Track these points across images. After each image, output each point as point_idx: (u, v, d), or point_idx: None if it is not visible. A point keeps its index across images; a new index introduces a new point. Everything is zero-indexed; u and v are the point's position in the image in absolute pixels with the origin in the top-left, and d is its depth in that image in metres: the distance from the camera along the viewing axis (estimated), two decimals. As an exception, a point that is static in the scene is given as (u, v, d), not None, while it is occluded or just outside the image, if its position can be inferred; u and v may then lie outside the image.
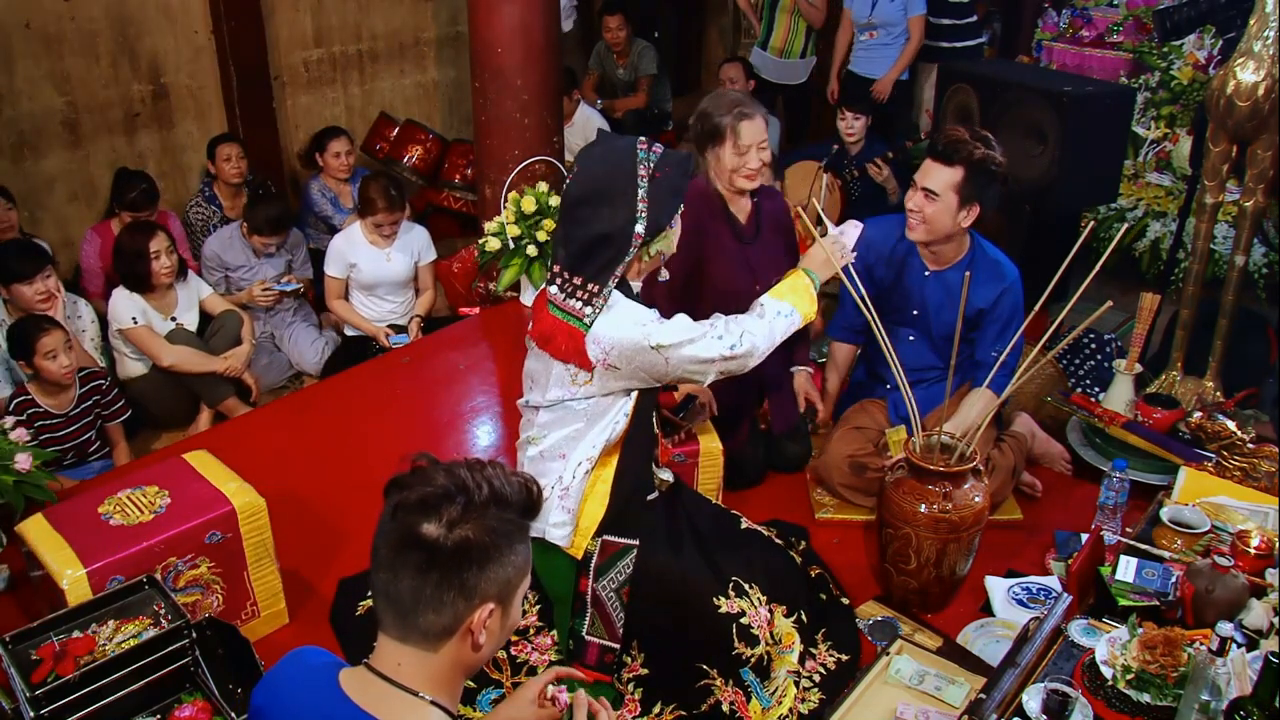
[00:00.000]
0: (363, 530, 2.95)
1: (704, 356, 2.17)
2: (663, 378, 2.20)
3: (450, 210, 5.68)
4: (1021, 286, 2.87)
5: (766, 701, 2.24)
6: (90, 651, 2.01)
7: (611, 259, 2.11)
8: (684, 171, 2.15)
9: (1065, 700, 1.75)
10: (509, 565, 1.33)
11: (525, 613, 2.25)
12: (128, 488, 2.39)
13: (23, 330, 3.34)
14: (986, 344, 2.87)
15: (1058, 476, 3.12)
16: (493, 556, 1.30)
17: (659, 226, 2.13)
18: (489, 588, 1.31)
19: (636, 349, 2.11)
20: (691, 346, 2.15)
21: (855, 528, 2.93)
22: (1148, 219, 5.05)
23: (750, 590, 2.29)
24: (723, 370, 2.22)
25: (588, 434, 2.19)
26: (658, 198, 2.11)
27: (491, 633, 1.35)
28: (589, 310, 2.12)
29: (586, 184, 2.14)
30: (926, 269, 2.92)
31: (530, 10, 4.21)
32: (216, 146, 4.74)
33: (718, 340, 2.18)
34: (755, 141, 2.83)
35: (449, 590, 1.29)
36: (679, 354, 2.14)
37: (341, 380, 3.89)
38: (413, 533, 1.28)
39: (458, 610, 1.30)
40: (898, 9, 5.26)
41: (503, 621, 1.37)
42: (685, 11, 7.68)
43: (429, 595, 1.29)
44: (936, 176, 2.75)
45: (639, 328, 2.12)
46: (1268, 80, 3.03)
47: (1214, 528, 2.41)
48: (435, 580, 1.28)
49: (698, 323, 2.20)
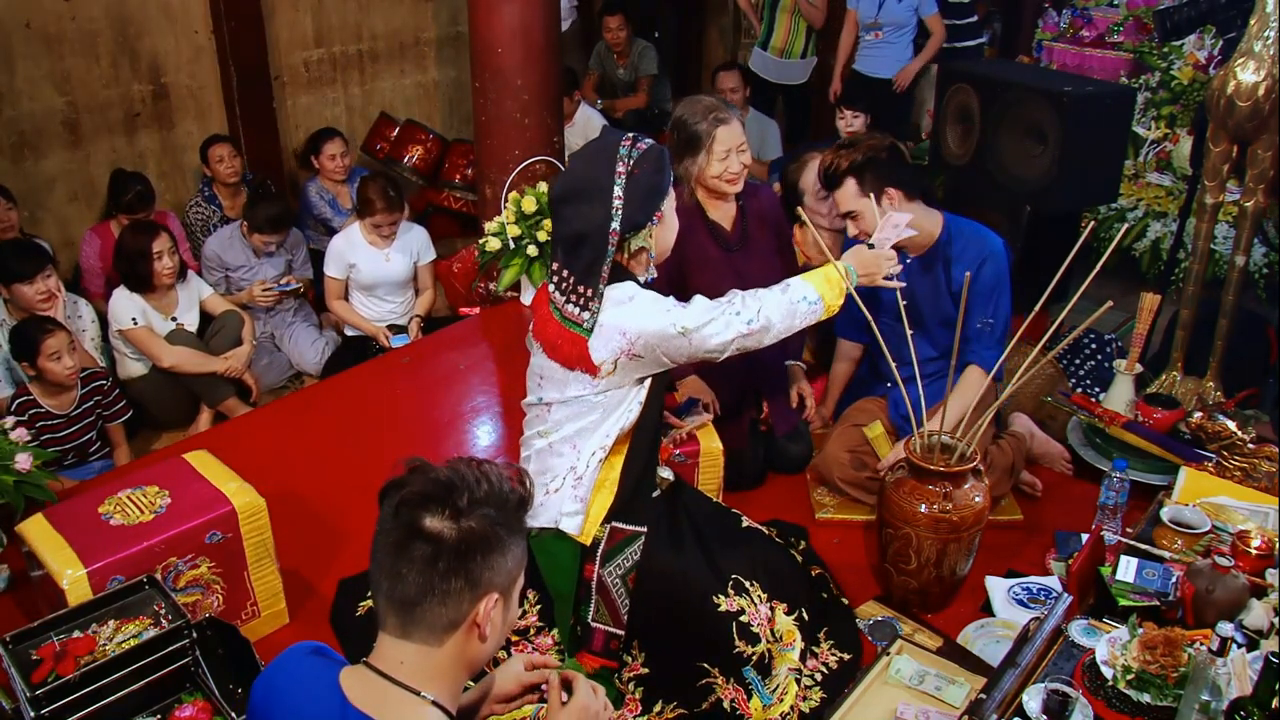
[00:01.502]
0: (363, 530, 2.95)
1: (725, 335, 2.19)
2: (685, 359, 2.22)
3: (450, 210, 5.69)
4: (1006, 256, 2.88)
5: (767, 699, 2.24)
6: (90, 651, 2.01)
7: (594, 259, 2.12)
8: (659, 168, 2.15)
9: (1065, 700, 1.75)
10: (510, 556, 1.36)
11: (525, 613, 2.25)
12: (128, 488, 2.39)
13: (26, 331, 3.34)
14: (973, 315, 2.88)
15: (1058, 476, 3.12)
16: (495, 547, 1.33)
17: (635, 224, 2.13)
18: (494, 577, 1.34)
19: (662, 336, 2.13)
20: (712, 325, 2.17)
21: (855, 528, 2.93)
22: (1148, 219, 5.05)
23: (751, 588, 2.29)
24: (741, 347, 2.23)
25: (603, 424, 2.21)
26: (634, 195, 2.11)
27: (495, 625, 1.37)
28: (587, 315, 2.13)
29: (568, 182, 2.17)
30: (908, 257, 2.94)
31: (530, 10, 4.21)
32: (208, 149, 4.74)
33: (735, 316, 2.20)
34: (735, 145, 2.81)
35: (456, 580, 1.31)
36: (701, 334, 2.16)
37: (341, 380, 3.89)
38: (417, 527, 1.30)
39: (464, 601, 1.32)
40: (906, 9, 5.26)
41: (504, 614, 1.39)
42: (685, 11, 7.68)
43: (436, 587, 1.31)
44: (841, 200, 2.84)
45: (665, 314, 2.14)
46: (1268, 80, 3.03)
47: (1214, 528, 2.40)
48: (441, 571, 1.30)
49: (715, 301, 2.22)
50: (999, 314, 2.84)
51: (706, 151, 2.81)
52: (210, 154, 4.72)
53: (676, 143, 2.86)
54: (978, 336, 2.85)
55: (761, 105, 6.03)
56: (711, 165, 2.82)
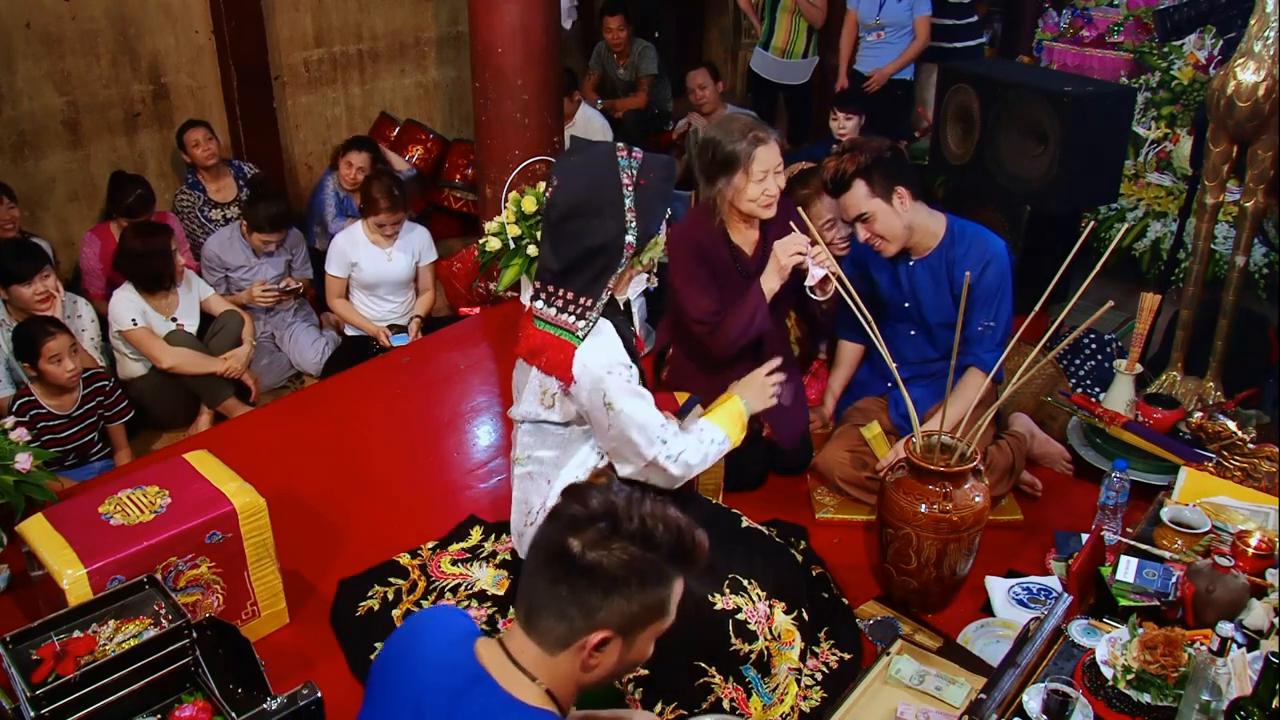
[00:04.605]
0: (363, 530, 2.97)
1: (641, 448, 2.13)
2: (598, 433, 2.18)
3: (451, 210, 5.69)
4: (1008, 259, 2.89)
5: (768, 698, 2.24)
6: (91, 651, 2.00)
7: (603, 270, 2.10)
8: (666, 176, 2.13)
9: (1066, 700, 1.75)
10: (636, 601, 1.37)
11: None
12: (128, 487, 2.39)
13: (28, 333, 3.34)
14: (975, 317, 2.88)
15: (1058, 476, 3.12)
16: (619, 588, 1.35)
17: (649, 234, 2.12)
18: (609, 616, 1.36)
19: (594, 388, 2.11)
20: (638, 431, 2.12)
21: (855, 528, 2.93)
22: (1148, 219, 5.05)
23: (749, 586, 2.29)
24: (645, 475, 2.19)
25: (566, 464, 2.22)
26: (645, 206, 2.08)
27: (606, 661, 1.40)
28: (582, 324, 2.12)
29: (571, 197, 2.10)
30: (910, 259, 2.95)
31: (530, 10, 4.21)
32: (184, 135, 4.70)
33: (661, 444, 2.15)
34: (773, 166, 2.72)
35: (571, 605, 1.37)
36: (621, 424, 2.11)
37: (341, 380, 3.89)
38: (555, 543, 1.37)
39: (575, 626, 1.37)
40: (905, 9, 5.27)
41: (622, 654, 1.41)
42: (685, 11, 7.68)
43: (554, 603, 1.38)
44: (850, 204, 2.83)
45: (607, 372, 2.10)
46: (1268, 80, 3.03)
47: (1214, 528, 2.40)
48: (563, 593, 1.36)
49: (658, 414, 2.16)
50: (1000, 317, 2.85)
51: (744, 172, 2.70)
52: (186, 139, 4.68)
53: (706, 163, 2.76)
54: (979, 339, 2.85)
55: (763, 105, 6.05)
56: (749, 187, 2.72)
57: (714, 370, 2.94)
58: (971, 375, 2.85)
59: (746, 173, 2.71)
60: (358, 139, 5.10)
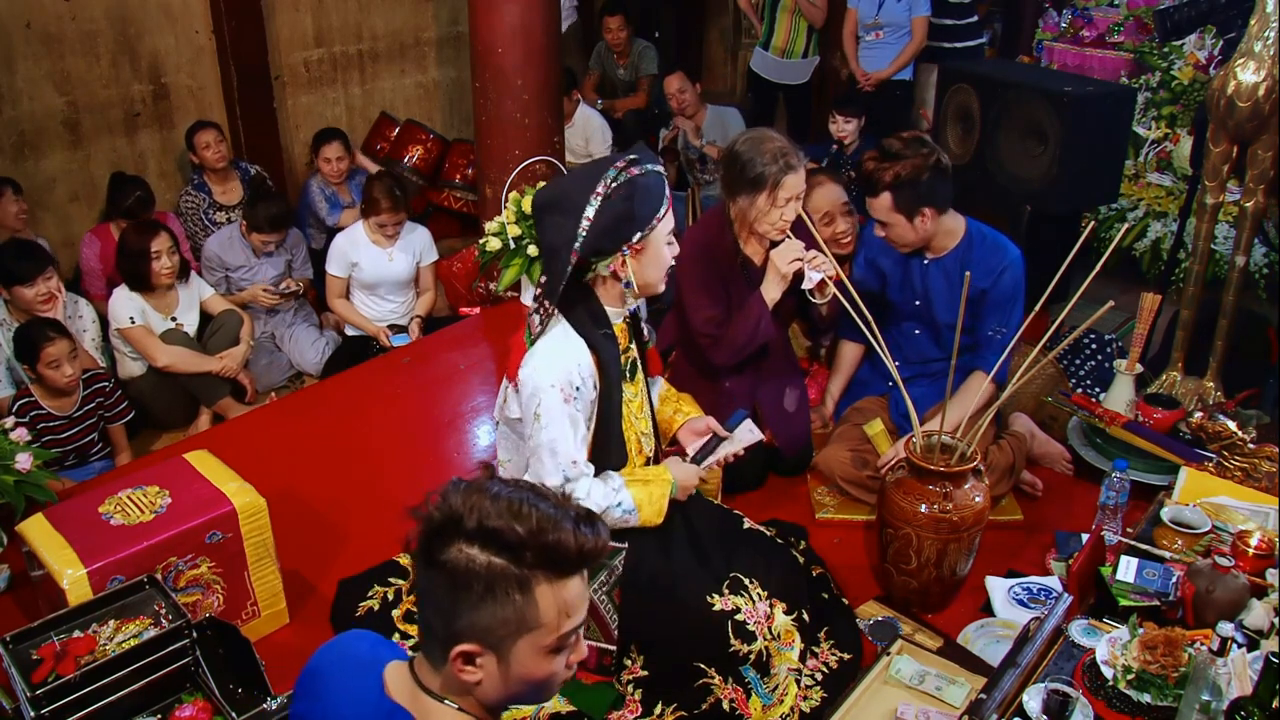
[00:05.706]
0: (363, 530, 2.97)
1: (546, 473, 2.12)
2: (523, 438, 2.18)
3: (451, 210, 5.69)
4: (1023, 265, 2.89)
5: (767, 699, 2.24)
6: (91, 651, 2.01)
7: (556, 274, 2.08)
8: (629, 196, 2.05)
9: (1066, 700, 1.75)
10: (486, 610, 1.19)
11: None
12: (128, 487, 2.39)
13: (28, 336, 3.33)
14: (987, 323, 2.88)
15: (1058, 476, 3.12)
16: (464, 596, 1.19)
17: (597, 249, 2.08)
18: (465, 627, 1.21)
19: (532, 396, 2.11)
20: (549, 455, 2.11)
21: (855, 528, 2.93)
22: (1148, 219, 5.05)
23: (749, 586, 2.29)
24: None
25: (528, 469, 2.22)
26: (602, 220, 2.04)
27: (487, 677, 1.24)
28: (539, 326, 2.14)
29: (551, 191, 2.14)
30: (925, 257, 2.95)
31: (530, 10, 4.21)
32: (194, 136, 4.70)
33: (566, 481, 2.13)
34: (796, 194, 2.72)
35: (434, 616, 1.24)
36: (539, 441, 2.11)
37: (342, 380, 3.89)
38: (417, 549, 1.25)
39: (438, 638, 1.25)
40: (904, 9, 5.27)
41: (504, 670, 1.24)
42: (685, 11, 7.68)
43: (423, 613, 1.27)
44: (876, 208, 2.85)
45: (550, 385, 2.09)
46: (1268, 80, 3.03)
47: (1215, 528, 2.40)
48: (424, 603, 1.26)
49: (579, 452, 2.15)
50: (1011, 323, 2.85)
51: (769, 195, 2.69)
52: (196, 140, 4.68)
53: (733, 176, 2.76)
54: (988, 344, 2.85)
55: (763, 105, 6.04)
56: (771, 211, 2.72)
57: (716, 376, 2.95)
58: (975, 379, 2.85)
59: (771, 196, 2.70)
60: (323, 132, 5.11)
